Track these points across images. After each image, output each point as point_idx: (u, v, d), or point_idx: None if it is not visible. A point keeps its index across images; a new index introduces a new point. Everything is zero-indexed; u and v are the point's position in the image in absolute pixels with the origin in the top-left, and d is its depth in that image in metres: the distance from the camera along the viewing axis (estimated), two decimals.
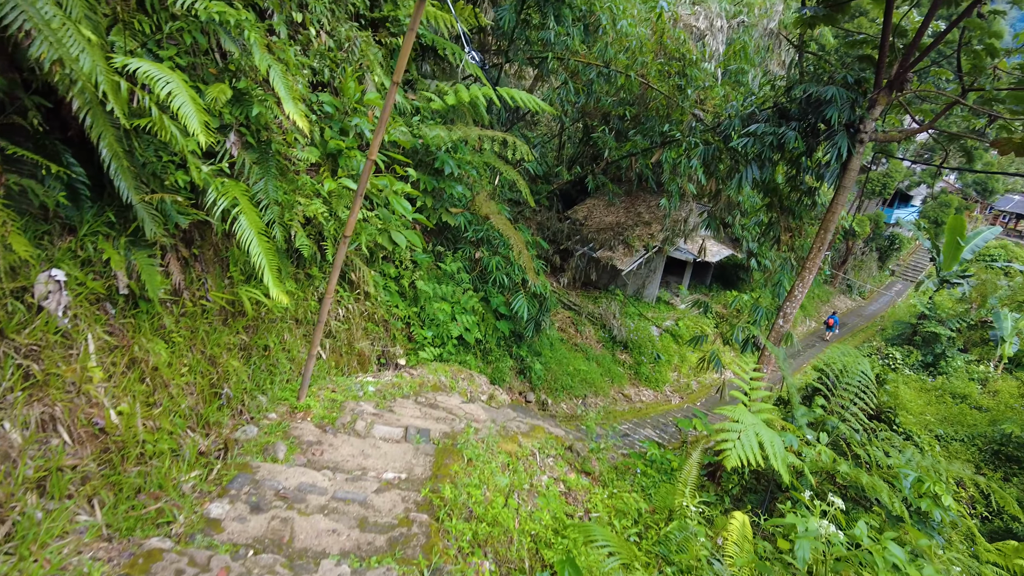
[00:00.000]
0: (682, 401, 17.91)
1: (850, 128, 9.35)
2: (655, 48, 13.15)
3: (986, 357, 23.68)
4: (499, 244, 11.31)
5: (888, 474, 7.22)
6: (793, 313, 10.60)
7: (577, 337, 16.65)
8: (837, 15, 10.04)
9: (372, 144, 4.59)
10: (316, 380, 6.72)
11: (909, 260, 38.33)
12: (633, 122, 14.53)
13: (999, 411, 18.69)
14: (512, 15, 12.62)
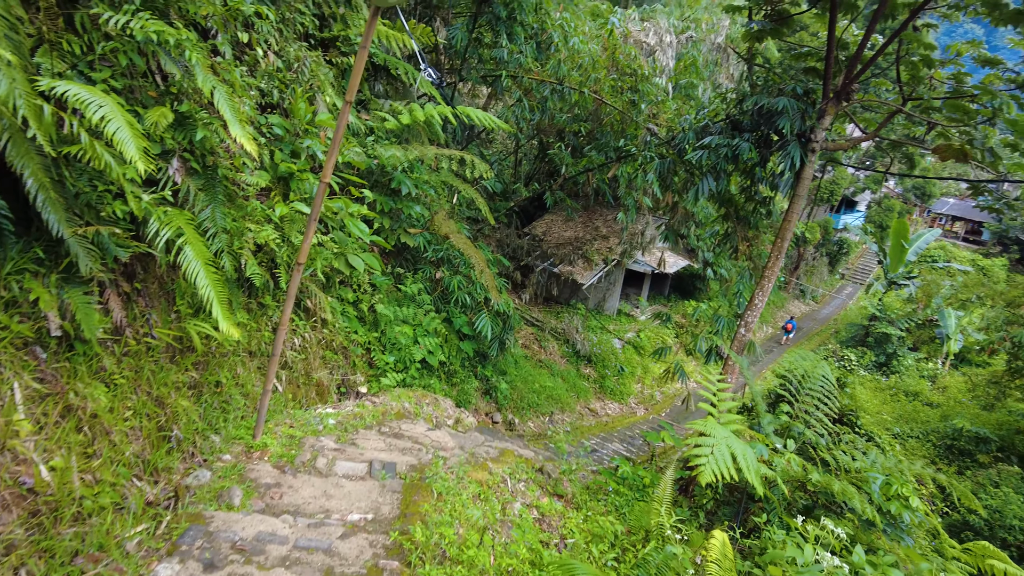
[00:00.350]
0: (647, 413, 17.93)
1: (802, 138, 9.50)
2: (607, 64, 13.25)
3: (934, 355, 24.53)
4: (460, 263, 11.12)
5: (857, 478, 7.24)
6: (754, 322, 10.68)
7: (541, 353, 16.52)
8: (783, 29, 10.26)
9: (325, 166, 4.38)
10: (273, 415, 6.38)
11: (857, 263, 39.61)
12: (588, 138, 14.59)
13: (949, 406, 19.31)
14: (464, 34, 12.55)
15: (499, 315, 11.52)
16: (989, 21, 9.13)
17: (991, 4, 8.83)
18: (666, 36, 16.64)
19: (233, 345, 6.13)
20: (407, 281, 10.16)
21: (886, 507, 6.77)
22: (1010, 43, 9.72)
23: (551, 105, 13.22)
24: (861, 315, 28.53)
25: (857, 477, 7.13)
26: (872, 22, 8.95)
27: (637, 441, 14.85)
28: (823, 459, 7.98)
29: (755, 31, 10.20)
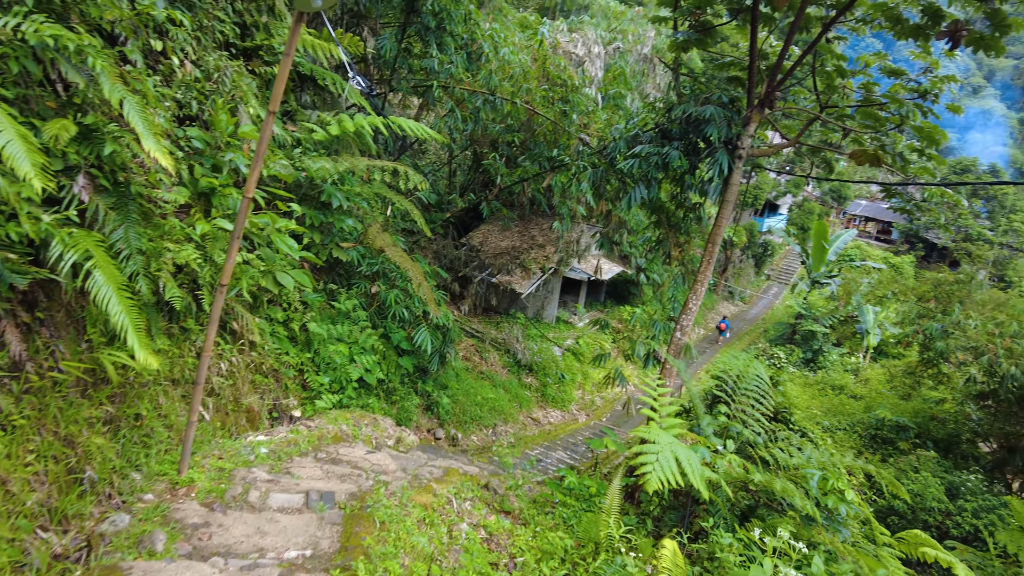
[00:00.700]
0: (588, 418, 18.04)
1: (729, 145, 9.74)
2: (538, 75, 13.31)
3: (855, 349, 25.83)
4: (396, 277, 10.85)
5: (795, 475, 7.41)
6: (689, 325, 10.86)
7: (482, 365, 16.36)
8: (706, 39, 10.55)
9: (248, 179, 4.11)
10: (200, 447, 5.97)
11: (782, 264, 41.40)
12: (522, 148, 14.61)
13: (871, 398, 20.34)
14: (393, 44, 12.34)
15: (438, 328, 11.31)
16: (892, 35, 9.68)
17: (893, 19, 9.33)
18: (594, 47, 16.89)
19: (153, 374, 5.69)
20: (341, 297, 9.82)
21: (824, 502, 6.95)
22: (912, 55, 10.32)
23: (484, 115, 13.15)
24: (788, 314, 29.79)
25: (796, 474, 7.30)
26: (789, 34, 9.30)
27: (580, 448, 14.89)
28: (762, 458, 8.15)
29: (680, 41, 10.44)
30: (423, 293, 10.26)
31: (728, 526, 6.81)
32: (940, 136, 9.37)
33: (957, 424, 15.41)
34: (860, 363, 24.52)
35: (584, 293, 23.93)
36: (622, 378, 11.65)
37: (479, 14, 13.23)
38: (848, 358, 25.20)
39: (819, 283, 27.97)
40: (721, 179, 9.78)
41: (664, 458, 5.74)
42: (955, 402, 15.62)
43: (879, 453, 15.86)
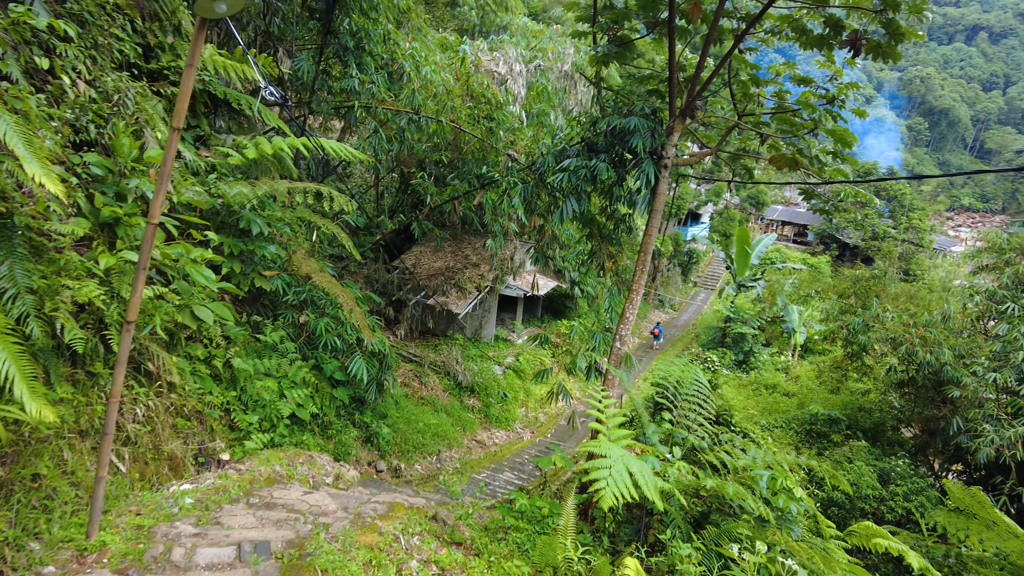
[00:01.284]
0: (534, 436, 17.83)
1: (654, 155, 9.88)
2: (462, 93, 13.20)
3: (784, 348, 26.78)
4: (326, 304, 10.36)
5: (744, 478, 7.41)
6: (628, 334, 10.88)
7: (422, 390, 15.91)
8: (626, 53, 10.70)
9: (152, 205, 3.72)
10: (114, 503, 5.36)
11: (707, 271, 42.76)
12: (450, 166, 14.42)
13: (803, 394, 21.07)
14: (311, 65, 11.94)
15: (374, 355, 10.87)
16: (799, 46, 10.12)
17: (799, 30, 9.75)
18: (516, 65, 16.98)
19: (54, 427, 5.09)
20: (267, 329, 9.26)
21: (775, 502, 6.95)
22: (817, 64, 10.81)
23: (409, 135, 12.91)
24: (717, 318, 30.66)
25: (745, 476, 7.30)
26: (705, 46, 9.55)
27: (528, 467, 14.64)
28: (710, 462, 8.15)
29: (601, 55, 10.57)
30: (355, 320, 9.83)
31: (684, 535, 6.71)
32: (851, 138, 9.79)
33: (882, 413, 16.10)
34: (789, 361, 25.42)
35: (521, 309, 23.84)
36: (565, 393, 11.53)
37: (398, 34, 13.03)
38: (778, 357, 26.08)
39: (745, 287, 28.96)
40: (649, 189, 9.88)
41: (617, 472, 5.59)
42: (878, 392, 16.32)
43: (815, 447, 16.34)
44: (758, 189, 41.57)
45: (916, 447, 14.46)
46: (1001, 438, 10.55)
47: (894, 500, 11.96)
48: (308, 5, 12.41)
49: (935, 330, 12.94)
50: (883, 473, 12.70)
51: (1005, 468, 11.19)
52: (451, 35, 17.83)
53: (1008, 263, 14.34)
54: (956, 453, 12.44)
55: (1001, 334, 12.08)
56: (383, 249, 16.82)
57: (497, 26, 24.17)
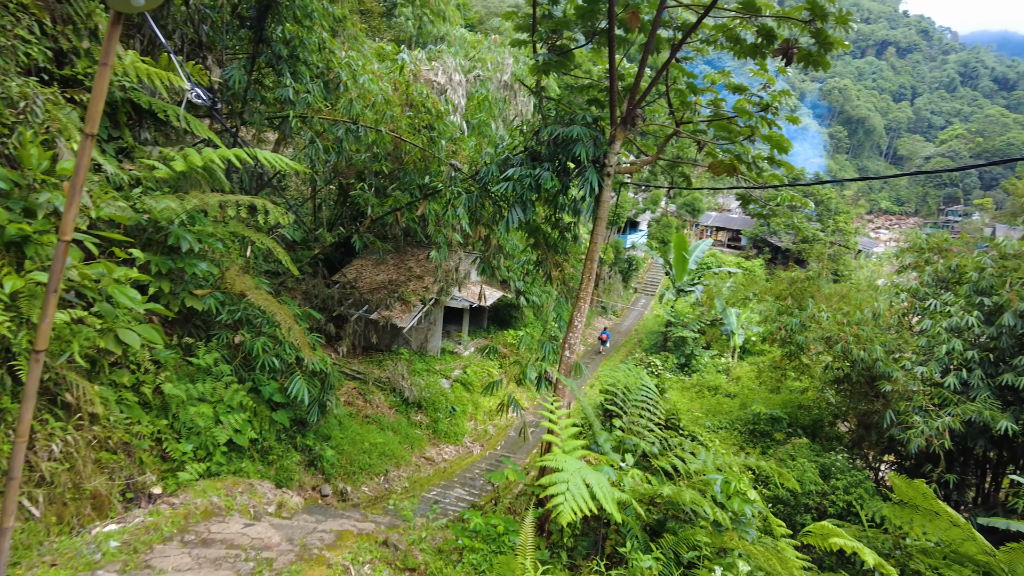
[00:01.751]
0: (484, 449, 17.58)
1: (596, 164, 9.92)
2: (402, 102, 12.95)
3: (724, 350, 27.47)
4: (262, 323, 9.88)
5: (698, 482, 7.42)
6: (577, 343, 10.84)
7: (367, 408, 15.44)
8: (566, 62, 10.72)
9: (64, 219, 3.35)
10: (24, 554, 4.84)
11: (647, 277, 43.59)
12: (391, 177, 14.11)
13: (744, 394, 21.59)
14: (242, 74, 11.45)
15: (315, 375, 10.43)
16: (733, 55, 10.36)
17: (733, 39, 9.99)
18: (455, 75, 16.84)
19: None
20: (200, 352, 8.74)
21: (729, 505, 6.96)
22: (751, 73, 11.09)
23: (347, 145, 12.55)
24: (658, 323, 31.21)
25: (698, 481, 7.30)
26: (644, 55, 9.65)
27: (479, 482, 14.38)
28: (662, 468, 8.15)
29: (541, 64, 10.54)
30: (294, 338, 9.40)
31: (642, 545, 6.64)
32: (787, 143, 10.07)
33: (820, 409, 16.63)
34: (730, 363, 26.08)
35: (467, 321, 23.60)
36: (515, 404, 11.37)
37: (334, 42, 12.68)
38: (718, 359, 26.72)
39: (684, 291, 29.62)
40: (593, 197, 9.89)
41: (574, 486, 5.47)
42: (816, 390, 16.88)
43: (759, 446, 16.70)
44: (694, 196, 42.79)
45: (853, 441, 14.97)
46: (930, 428, 11.01)
47: (835, 494, 12.31)
48: (238, 13, 11.94)
49: (867, 328, 13.45)
50: (824, 468, 13.06)
51: (934, 457, 11.70)
52: (388, 45, 17.55)
53: (927, 262, 15.13)
54: (890, 445, 12.92)
55: (925, 329, 12.67)
56: (322, 263, 16.29)
57: (435, 37, 24.00)
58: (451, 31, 22.90)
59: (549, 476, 5.53)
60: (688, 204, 45.19)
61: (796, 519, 12.12)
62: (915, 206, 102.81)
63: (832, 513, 12.03)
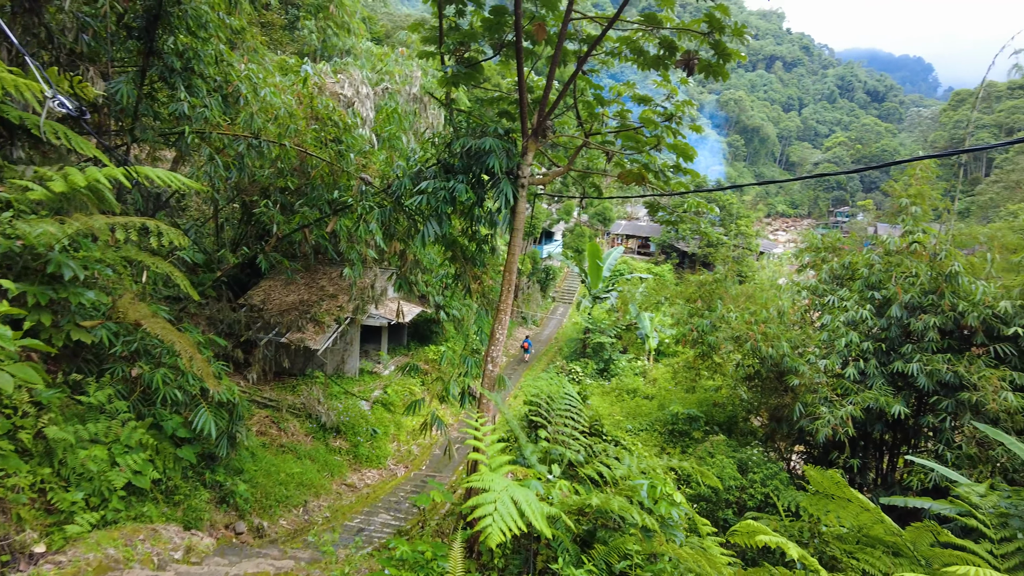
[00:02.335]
0: (408, 471, 17.14)
1: (511, 175, 9.94)
2: (307, 115, 12.50)
3: (640, 353, 28.23)
4: (162, 353, 9.17)
5: (625, 488, 7.47)
6: (499, 355, 10.77)
7: (281, 437, 14.70)
8: (476, 74, 10.71)
9: None
10: None
11: (563, 285, 44.32)
12: (297, 193, 13.55)
13: (662, 396, 22.22)
14: (131, 88, 10.68)
15: (222, 405, 9.79)
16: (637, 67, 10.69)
17: (637, 51, 10.30)
18: (362, 88, 16.48)
19: None
20: (90, 388, 7.99)
21: (657, 510, 7.03)
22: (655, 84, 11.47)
23: (249, 161, 11.95)
24: (576, 330, 31.71)
25: (626, 486, 7.35)
26: (552, 67, 9.78)
27: (404, 505, 13.97)
28: (589, 476, 8.16)
29: (451, 76, 10.48)
30: (198, 368, 8.77)
31: (573, 559, 6.58)
32: (692, 152, 10.46)
33: (733, 406, 17.35)
34: (646, 365, 26.81)
35: (386, 339, 23.05)
36: (439, 422, 11.13)
37: (232, 55, 12.08)
38: (635, 362, 27.41)
39: (599, 298, 30.27)
40: (508, 208, 9.90)
41: (502, 504, 5.33)
42: (728, 387, 17.60)
43: (679, 445, 17.18)
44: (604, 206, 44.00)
45: (766, 434, 15.66)
46: (835, 417, 11.67)
47: (753, 487, 12.80)
48: (125, 23, 11.15)
49: (773, 325, 14.14)
50: (741, 463, 13.57)
51: (840, 444, 12.41)
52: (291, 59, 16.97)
53: (824, 260, 16.16)
54: (800, 435, 13.59)
55: (825, 324, 13.48)
56: (227, 286, 15.42)
57: (340, 50, 23.46)
58: (357, 44, 22.44)
59: (476, 497, 5.38)
60: (599, 214, 46.46)
61: (718, 515, 12.50)
62: (808, 208, 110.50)
63: (751, 506, 12.49)
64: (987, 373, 10.82)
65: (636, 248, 54.86)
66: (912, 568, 6.03)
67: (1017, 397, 10.45)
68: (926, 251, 13.08)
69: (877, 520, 6.33)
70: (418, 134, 18.00)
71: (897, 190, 14.95)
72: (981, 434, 10.64)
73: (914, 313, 12.26)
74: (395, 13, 45.80)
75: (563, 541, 6.67)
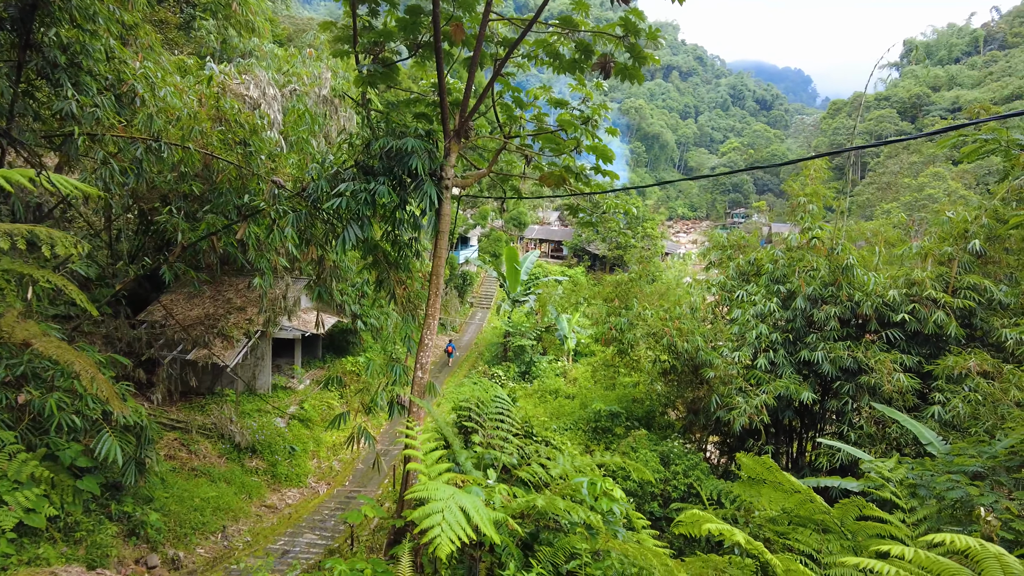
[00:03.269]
0: (330, 488, 16.46)
1: (434, 177, 9.80)
2: (211, 116, 11.77)
3: (559, 354, 28.59)
4: (55, 375, 8.30)
5: (566, 488, 7.45)
6: (428, 362, 10.57)
7: (193, 460, 13.72)
8: (392, 74, 10.46)
9: None
10: None
11: (481, 291, 44.24)
12: (201, 200, 12.69)
13: (582, 394, 22.57)
14: (5, 84, 9.65)
15: (128, 429, 8.99)
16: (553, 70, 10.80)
17: (553, 55, 10.42)
18: (268, 89, 15.73)
19: None
20: None
21: (599, 507, 7.05)
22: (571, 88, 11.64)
23: (148, 166, 11.08)
24: (496, 334, 31.68)
25: (566, 486, 7.32)
26: (471, 67, 9.72)
27: (330, 523, 13.38)
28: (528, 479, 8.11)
29: (366, 76, 10.18)
30: (100, 389, 7.99)
31: (519, 562, 6.50)
32: (611, 154, 10.67)
33: (651, 400, 17.86)
34: (566, 366, 27.17)
35: (300, 352, 22.07)
36: (367, 435, 10.75)
37: (125, 51, 11.19)
38: (555, 363, 27.71)
39: (518, 301, 30.44)
40: (433, 211, 9.73)
41: (450, 513, 5.17)
42: (646, 383, 18.12)
43: (602, 442, 17.44)
44: (519, 210, 44.39)
45: (684, 427, 16.20)
46: (751, 407, 12.21)
47: (676, 479, 13.17)
48: None
49: (687, 321, 14.65)
50: (663, 455, 13.93)
51: (754, 432, 13.01)
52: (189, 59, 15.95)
53: (730, 258, 16.98)
54: (716, 425, 14.12)
55: (736, 318, 14.12)
56: (125, 302, 14.23)
57: (241, 51, 22.34)
58: (261, 45, 21.44)
59: (422, 508, 5.18)
60: (515, 218, 46.82)
61: (645, 507, 12.76)
62: (706, 211, 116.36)
63: (675, 497, 12.82)
64: (881, 357, 11.66)
65: (549, 252, 55.72)
66: (840, 542, 6.35)
67: (907, 378, 11.34)
68: (824, 246, 13.97)
69: (807, 499, 6.63)
70: (329, 137, 17.42)
71: (795, 189, 15.90)
72: (878, 414, 11.45)
73: (816, 304, 13.06)
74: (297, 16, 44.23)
75: (508, 546, 6.57)
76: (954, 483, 7.54)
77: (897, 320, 12.08)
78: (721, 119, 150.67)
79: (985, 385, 10.86)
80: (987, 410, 10.74)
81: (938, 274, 12.66)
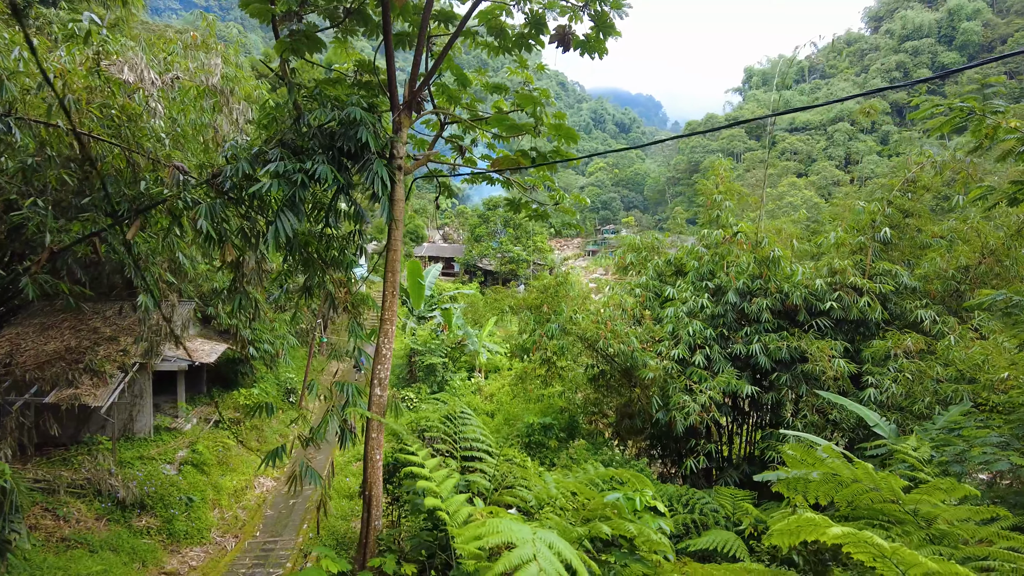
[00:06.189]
0: (239, 541, 13.83)
1: (383, 155, 8.39)
2: (86, 85, 9.37)
3: (473, 369, 27.16)
4: None
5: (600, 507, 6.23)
6: (387, 376, 9.04)
7: (63, 527, 10.79)
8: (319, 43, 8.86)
9: None
10: None
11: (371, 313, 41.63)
12: (78, 193, 10.03)
13: (504, 410, 21.30)
14: None
15: None
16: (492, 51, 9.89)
17: (497, 31, 9.47)
18: (147, 73, 13.17)
19: None
20: None
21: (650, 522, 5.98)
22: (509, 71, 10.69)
23: None
24: (402, 354, 29.46)
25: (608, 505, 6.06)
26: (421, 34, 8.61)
27: None
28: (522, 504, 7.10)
29: (291, 42, 8.48)
30: None
31: None
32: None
33: (573, 408, 17.13)
34: (480, 381, 25.77)
35: (183, 386, 18.78)
36: (312, 473, 8.78)
37: None
38: (468, 381, 26.19)
39: (424, 318, 28.64)
40: (385, 194, 8.20)
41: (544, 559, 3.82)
42: (570, 391, 17.39)
43: (537, 457, 16.21)
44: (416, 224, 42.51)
45: (615, 432, 15.46)
46: (699, 404, 11.66)
47: None
48: None
49: (619, 323, 13.95)
50: (605, 464, 13.03)
51: (696, 431, 12.42)
52: None
53: (646, 259, 16.76)
54: (655, 427, 13.27)
55: (668, 316, 13.68)
56: None
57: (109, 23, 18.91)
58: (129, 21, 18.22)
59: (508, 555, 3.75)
60: (411, 232, 44.80)
61: None
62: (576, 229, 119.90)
63: None
64: (820, 345, 11.65)
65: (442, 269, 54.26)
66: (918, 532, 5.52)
67: (846, 363, 11.37)
68: (748, 240, 13.97)
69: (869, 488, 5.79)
70: (220, 131, 15.00)
71: (708, 188, 15.96)
72: (819, 401, 11.36)
73: (747, 298, 12.91)
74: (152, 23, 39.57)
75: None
76: (991, 455, 7.16)
77: (825, 308, 12.18)
78: (584, 142, 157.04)
79: (907, 364, 11.11)
80: (922, 388, 10.89)
81: (855, 262, 13.04)
